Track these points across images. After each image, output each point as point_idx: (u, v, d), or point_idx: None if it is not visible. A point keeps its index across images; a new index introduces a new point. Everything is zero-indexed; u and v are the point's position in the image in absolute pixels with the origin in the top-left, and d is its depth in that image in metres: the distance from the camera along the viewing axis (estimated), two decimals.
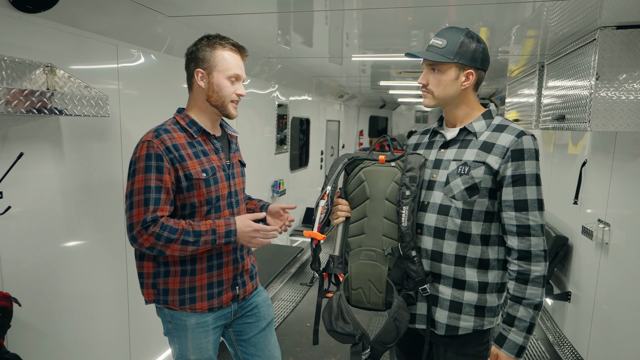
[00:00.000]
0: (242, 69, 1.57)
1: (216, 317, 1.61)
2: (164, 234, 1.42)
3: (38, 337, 1.88)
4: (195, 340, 1.58)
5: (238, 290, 1.65)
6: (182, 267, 1.54)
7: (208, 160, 1.55)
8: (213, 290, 1.58)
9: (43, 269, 1.88)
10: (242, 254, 1.65)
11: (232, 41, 1.55)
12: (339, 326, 1.42)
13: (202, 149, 1.54)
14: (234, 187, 1.62)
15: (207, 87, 1.53)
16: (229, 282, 1.61)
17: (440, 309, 1.44)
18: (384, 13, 2.33)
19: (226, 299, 1.61)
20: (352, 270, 1.47)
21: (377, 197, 1.47)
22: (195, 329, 1.57)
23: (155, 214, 1.43)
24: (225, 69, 1.52)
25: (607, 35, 2.11)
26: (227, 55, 1.53)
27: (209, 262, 1.57)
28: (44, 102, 1.51)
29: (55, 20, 1.82)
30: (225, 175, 1.58)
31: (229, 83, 1.53)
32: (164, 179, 1.44)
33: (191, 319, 1.57)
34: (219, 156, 1.58)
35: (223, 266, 1.59)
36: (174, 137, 1.49)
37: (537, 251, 1.35)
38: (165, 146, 1.46)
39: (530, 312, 1.34)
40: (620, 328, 2.36)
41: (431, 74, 1.45)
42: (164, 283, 1.54)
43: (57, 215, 1.94)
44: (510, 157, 1.35)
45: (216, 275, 1.58)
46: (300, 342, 3.29)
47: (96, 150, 2.12)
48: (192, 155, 1.51)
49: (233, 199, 1.62)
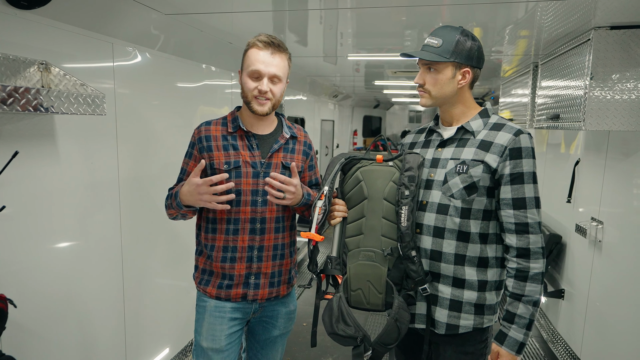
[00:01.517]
0: (266, 63, 1.52)
1: (234, 307, 1.63)
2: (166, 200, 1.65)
3: (34, 339, 1.85)
4: (210, 325, 1.62)
5: (249, 290, 1.62)
6: (207, 250, 1.64)
7: (236, 154, 1.59)
8: (224, 281, 1.62)
9: (38, 269, 1.86)
10: (259, 254, 1.62)
11: (261, 37, 1.54)
12: (340, 329, 1.41)
13: (233, 143, 1.60)
14: (263, 186, 1.56)
15: (241, 86, 1.61)
16: (240, 279, 1.61)
17: (440, 308, 1.45)
18: (378, 12, 2.34)
19: (234, 294, 1.62)
20: (351, 271, 1.46)
21: (375, 197, 1.46)
22: (213, 312, 1.63)
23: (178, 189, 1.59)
24: (247, 66, 1.56)
25: (601, 36, 2.14)
26: (251, 52, 1.55)
27: (224, 253, 1.61)
28: (39, 100, 1.49)
29: (50, 17, 1.80)
30: (253, 172, 1.59)
31: (250, 80, 1.55)
32: (190, 163, 1.65)
33: (210, 301, 1.64)
34: (252, 153, 1.60)
35: (236, 261, 1.60)
36: (209, 129, 1.63)
37: (536, 248, 1.36)
38: (200, 136, 1.62)
39: (530, 309, 1.36)
40: (614, 325, 2.39)
41: (427, 73, 1.45)
42: (197, 260, 1.71)
43: (53, 215, 1.91)
44: (508, 156, 1.36)
45: (228, 267, 1.61)
46: (297, 342, 3.29)
47: (92, 149, 2.09)
48: (220, 147, 1.60)
49: (259, 198, 1.59)
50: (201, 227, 1.67)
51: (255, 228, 1.60)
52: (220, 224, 1.61)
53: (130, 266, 2.39)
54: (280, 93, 1.60)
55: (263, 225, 1.61)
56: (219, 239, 1.61)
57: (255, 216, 1.60)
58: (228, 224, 1.60)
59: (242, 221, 1.59)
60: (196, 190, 1.47)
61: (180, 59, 2.69)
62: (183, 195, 1.53)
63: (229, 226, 1.60)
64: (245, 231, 1.60)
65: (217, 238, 1.61)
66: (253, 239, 1.61)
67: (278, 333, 1.74)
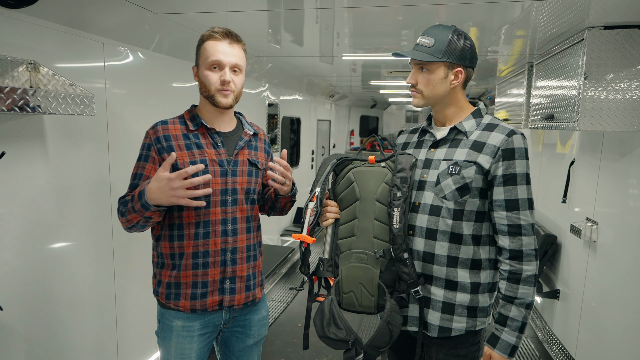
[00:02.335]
0: (226, 53, 1.47)
1: (203, 323, 1.55)
2: (119, 208, 1.49)
3: (23, 341, 1.83)
4: (179, 345, 1.53)
5: (225, 296, 1.55)
6: (172, 260, 1.53)
7: (201, 153, 1.50)
8: (197, 290, 1.52)
9: (27, 271, 1.84)
10: (233, 257, 1.55)
11: (216, 29, 1.49)
12: (332, 332, 1.40)
13: (196, 142, 1.52)
14: (232, 185, 1.53)
15: (199, 82, 1.54)
16: (214, 285, 1.53)
17: (432, 311, 1.44)
18: (374, 12, 2.33)
19: (211, 303, 1.53)
20: (343, 273, 1.45)
21: (367, 198, 1.45)
22: (181, 332, 1.53)
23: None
24: (205, 59, 1.48)
25: (595, 36, 2.13)
26: (208, 45, 1.48)
27: (194, 260, 1.51)
28: (26, 99, 1.47)
29: (39, 17, 1.78)
30: (221, 171, 1.52)
31: (211, 72, 1.48)
32: (147, 167, 1.51)
33: (177, 321, 1.53)
34: (218, 151, 1.53)
35: (209, 266, 1.52)
36: (167, 129, 1.52)
37: (529, 250, 1.35)
38: (157, 136, 1.51)
39: (523, 312, 1.34)
40: (609, 325, 2.39)
41: (420, 73, 1.43)
42: (159, 274, 1.57)
43: (42, 217, 1.89)
44: (501, 157, 1.35)
45: (201, 274, 1.52)
46: (291, 343, 3.27)
47: (83, 149, 2.08)
48: (183, 146, 1.50)
49: (229, 197, 1.53)
50: (162, 236, 1.54)
51: (227, 229, 1.53)
52: (188, 229, 1.50)
53: (121, 267, 2.37)
54: (241, 84, 1.54)
55: (235, 226, 1.54)
56: (187, 245, 1.50)
57: (226, 217, 1.53)
58: (197, 228, 1.50)
59: (212, 223, 1.51)
60: (167, 185, 1.33)
61: (173, 59, 2.67)
62: (150, 194, 1.37)
63: (199, 230, 1.50)
64: (216, 234, 1.51)
65: (186, 245, 1.50)
66: (225, 241, 1.53)
67: (253, 342, 1.68)
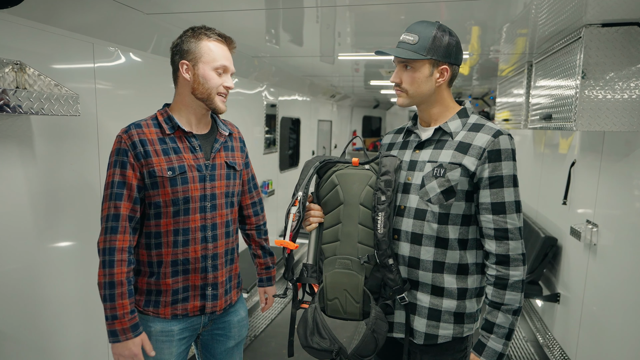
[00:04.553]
0: (230, 60, 1.49)
1: (182, 327, 1.53)
2: (104, 270, 1.40)
3: (12, 343, 1.82)
4: (158, 350, 1.50)
5: (207, 302, 1.53)
6: (150, 268, 1.50)
7: (179, 158, 1.46)
8: (178, 295, 1.50)
9: (15, 274, 1.82)
10: (214, 263, 1.52)
11: (218, 32, 1.48)
12: (315, 341, 1.37)
13: (173, 146, 1.46)
14: (211, 190, 1.50)
15: (192, 79, 1.46)
16: (195, 290, 1.51)
17: (418, 317, 1.40)
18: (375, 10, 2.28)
19: (192, 308, 1.51)
20: (327, 279, 1.41)
21: (351, 202, 1.41)
22: (159, 337, 1.50)
23: (117, 211, 1.40)
24: (211, 60, 1.44)
25: (592, 33, 2.08)
26: (213, 46, 1.45)
27: (174, 267, 1.49)
28: (6, 100, 1.45)
29: (26, 17, 1.76)
30: (200, 176, 1.48)
31: (216, 75, 1.45)
32: (127, 174, 1.42)
33: (156, 325, 1.50)
34: (195, 155, 1.48)
35: (190, 272, 1.49)
36: (143, 133, 1.45)
37: (516, 255, 1.31)
38: (132, 141, 1.43)
39: (509, 318, 1.30)
40: (609, 330, 2.33)
41: (404, 71, 1.39)
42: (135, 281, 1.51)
43: (29, 218, 1.88)
44: (487, 158, 1.30)
45: (182, 280, 1.50)
46: (286, 345, 3.24)
47: (71, 151, 2.06)
48: (160, 151, 1.44)
49: (207, 203, 1.50)
50: (139, 244, 1.50)
51: (206, 236, 1.50)
52: (167, 236, 1.47)
53: None
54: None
55: (214, 232, 1.52)
56: (166, 253, 1.47)
57: (205, 223, 1.50)
58: (176, 236, 1.46)
59: (192, 230, 1.47)
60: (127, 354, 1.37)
61: (165, 59, 2.64)
62: (115, 333, 1.37)
63: (177, 238, 1.47)
64: (196, 241, 1.48)
65: (164, 253, 1.47)
66: (205, 248, 1.50)
67: (234, 343, 1.66)
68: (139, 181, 1.44)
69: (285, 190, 5.55)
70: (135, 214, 1.44)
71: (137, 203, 1.44)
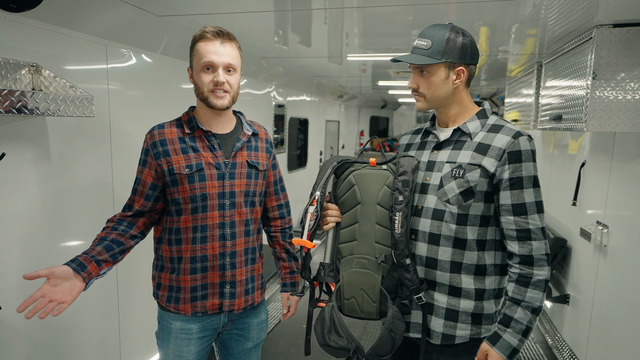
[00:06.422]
0: (218, 54, 1.43)
1: (202, 326, 1.55)
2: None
3: (25, 341, 1.85)
4: (177, 347, 1.53)
5: (225, 300, 1.54)
6: (172, 264, 1.54)
7: (197, 156, 1.49)
8: (197, 293, 1.52)
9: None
10: (232, 261, 1.53)
11: (207, 28, 1.45)
12: (332, 340, 1.37)
13: (192, 145, 1.50)
14: (230, 188, 1.51)
15: (194, 84, 1.52)
16: (214, 287, 1.53)
17: (435, 318, 1.40)
18: (383, 11, 2.29)
19: (211, 305, 1.53)
20: (344, 279, 1.42)
21: (369, 202, 1.42)
22: (179, 335, 1.53)
23: (131, 202, 1.54)
24: (197, 61, 1.46)
25: (603, 34, 2.07)
26: (200, 45, 1.45)
27: (192, 264, 1.51)
28: (24, 101, 1.48)
29: (42, 20, 1.80)
30: (218, 174, 1.50)
31: (204, 73, 1.45)
32: (145, 172, 1.53)
33: (176, 323, 1.54)
34: (214, 153, 1.51)
35: (208, 270, 1.52)
36: (164, 133, 1.51)
37: (539, 255, 1.30)
38: (153, 141, 1.51)
39: (528, 315, 1.29)
40: (619, 332, 2.32)
41: (420, 76, 1.38)
42: (158, 277, 1.58)
43: (43, 217, 1.91)
44: (507, 160, 1.30)
45: (200, 278, 1.52)
46: (295, 344, 3.26)
47: (85, 151, 2.09)
48: (179, 150, 1.49)
49: (226, 201, 1.51)
50: (162, 239, 1.55)
51: (224, 234, 1.51)
52: (186, 233, 1.50)
53: (124, 267, 2.39)
54: (237, 84, 1.50)
55: (233, 230, 1.52)
56: (185, 249, 1.50)
57: (224, 220, 1.51)
58: (194, 232, 1.49)
59: (210, 227, 1.49)
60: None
61: (176, 60, 2.68)
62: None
63: (196, 234, 1.49)
64: (214, 238, 1.50)
65: (184, 249, 1.50)
66: (224, 246, 1.51)
67: (252, 345, 1.67)
68: (154, 179, 1.51)
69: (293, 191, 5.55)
70: (144, 209, 1.53)
71: (149, 200, 1.53)
